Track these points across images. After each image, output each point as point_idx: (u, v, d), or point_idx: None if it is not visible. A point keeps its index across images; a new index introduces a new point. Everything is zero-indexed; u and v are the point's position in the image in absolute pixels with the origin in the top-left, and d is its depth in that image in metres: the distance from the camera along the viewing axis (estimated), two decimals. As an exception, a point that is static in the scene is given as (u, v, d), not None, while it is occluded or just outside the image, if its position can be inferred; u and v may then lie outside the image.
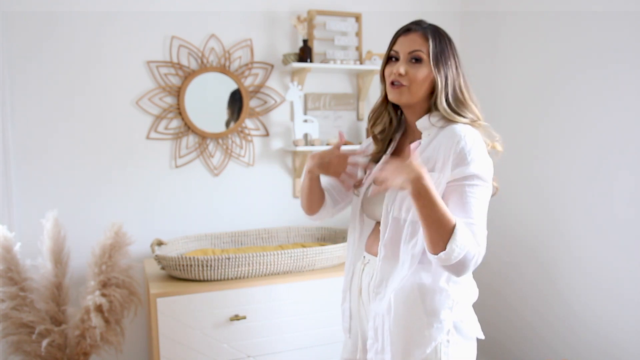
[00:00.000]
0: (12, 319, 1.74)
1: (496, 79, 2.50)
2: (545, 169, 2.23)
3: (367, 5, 2.55)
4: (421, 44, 1.20)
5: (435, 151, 1.17)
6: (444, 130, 1.18)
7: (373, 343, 1.25)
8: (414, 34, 1.22)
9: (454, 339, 1.20)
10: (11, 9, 2.03)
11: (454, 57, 1.23)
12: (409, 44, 1.21)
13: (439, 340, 1.18)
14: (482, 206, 1.13)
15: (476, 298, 1.28)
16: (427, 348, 1.17)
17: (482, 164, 1.14)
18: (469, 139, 1.14)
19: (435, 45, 1.20)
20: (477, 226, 1.11)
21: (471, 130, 1.17)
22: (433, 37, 1.21)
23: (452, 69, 1.21)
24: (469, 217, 1.11)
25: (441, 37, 1.22)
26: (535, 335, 2.32)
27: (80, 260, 2.04)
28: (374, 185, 1.26)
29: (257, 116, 2.42)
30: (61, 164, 2.14)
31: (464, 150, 1.12)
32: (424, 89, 1.21)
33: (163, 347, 1.78)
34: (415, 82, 1.20)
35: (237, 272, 1.89)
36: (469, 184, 1.12)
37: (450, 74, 1.21)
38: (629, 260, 1.89)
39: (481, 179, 1.13)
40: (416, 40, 1.21)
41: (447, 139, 1.15)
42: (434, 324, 1.17)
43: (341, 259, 2.08)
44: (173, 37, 2.26)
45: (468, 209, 1.11)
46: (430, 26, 1.24)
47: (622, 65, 1.88)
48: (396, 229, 1.20)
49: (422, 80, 1.20)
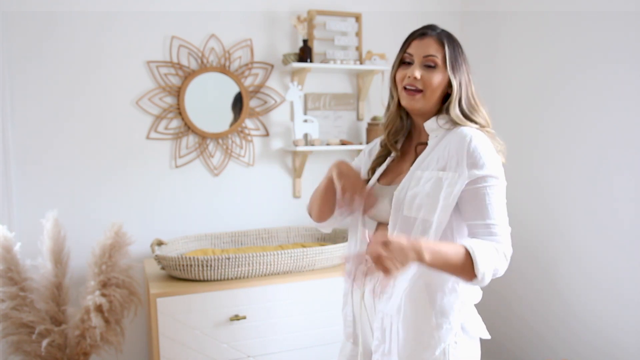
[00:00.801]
0: (12, 319, 1.74)
1: (496, 79, 2.50)
2: (545, 169, 2.23)
3: (367, 5, 2.55)
4: (436, 50, 1.20)
5: (445, 151, 1.17)
6: (452, 132, 1.19)
7: (379, 344, 1.23)
8: (430, 39, 1.21)
9: (460, 339, 1.19)
10: (11, 9, 2.03)
11: (465, 64, 1.24)
12: (424, 48, 1.21)
13: (448, 342, 1.17)
14: (500, 205, 1.15)
15: (480, 298, 1.28)
16: (437, 350, 1.16)
17: (494, 163, 1.15)
18: (478, 140, 1.15)
19: (451, 51, 1.21)
20: (499, 226, 1.12)
21: (478, 131, 1.18)
22: (448, 42, 1.21)
23: (465, 75, 1.22)
24: (488, 219, 1.12)
25: (454, 44, 1.23)
26: (535, 335, 2.32)
27: (80, 260, 2.04)
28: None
29: (257, 116, 2.42)
30: (61, 164, 2.14)
31: (476, 151, 1.13)
32: (438, 94, 1.22)
33: (163, 347, 1.78)
34: (430, 87, 1.20)
35: (237, 272, 1.89)
36: (485, 186, 1.13)
37: (464, 80, 1.22)
38: (628, 260, 1.89)
39: (495, 178, 1.14)
40: (431, 45, 1.20)
41: (456, 140, 1.16)
42: (443, 325, 1.17)
43: (341, 259, 2.08)
44: (173, 37, 2.26)
45: (488, 211, 1.12)
46: (444, 31, 1.24)
47: (623, 66, 1.88)
48: (406, 227, 1.19)
49: (436, 85, 1.20)
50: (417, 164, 1.23)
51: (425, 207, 1.15)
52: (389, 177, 1.32)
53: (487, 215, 1.12)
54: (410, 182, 1.20)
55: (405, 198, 1.19)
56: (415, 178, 1.20)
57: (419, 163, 1.23)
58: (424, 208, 1.16)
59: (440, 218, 1.14)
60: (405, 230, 1.19)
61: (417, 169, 1.22)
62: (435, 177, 1.16)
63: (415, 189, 1.18)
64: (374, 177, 1.34)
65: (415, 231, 1.18)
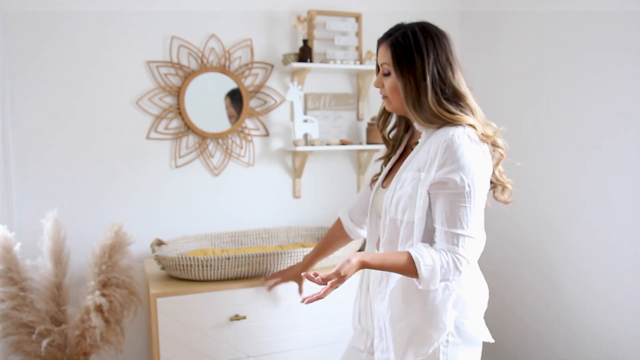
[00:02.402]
0: (12, 319, 1.74)
1: (495, 79, 2.50)
2: (544, 170, 2.23)
3: (367, 5, 2.56)
4: (387, 56, 1.20)
5: (426, 152, 1.17)
6: (438, 132, 1.17)
7: (379, 342, 1.25)
8: (382, 47, 1.23)
9: (453, 339, 1.19)
10: (11, 9, 2.03)
11: (425, 53, 1.16)
12: (380, 57, 1.23)
13: (441, 341, 1.17)
14: (468, 213, 1.10)
15: (486, 301, 1.27)
16: (430, 348, 1.17)
17: (468, 169, 1.10)
18: (458, 142, 1.11)
19: (397, 54, 1.17)
20: (462, 235, 1.10)
21: (463, 132, 1.13)
22: (394, 44, 1.18)
23: (422, 66, 1.15)
24: (453, 227, 1.10)
25: (406, 41, 1.17)
26: (534, 336, 2.32)
27: (80, 260, 2.04)
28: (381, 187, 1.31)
29: (257, 116, 2.42)
30: (61, 164, 2.14)
31: (450, 151, 1.10)
32: (399, 97, 1.21)
33: (163, 347, 1.78)
34: (390, 93, 1.22)
35: (237, 272, 1.89)
36: (453, 192, 1.10)
37: (418, 72, 1.16)
38: (626, 261, 1.89)
39: (466, 185, 1.10)
40: (382, 52, 1.22)
41: (437, 141, 1.14)
42: (437, 324, 1.17)
43: (341, 259, 2.07)
44: (173, 37, 2.26)
45: (453, 218, 1.10)
46: (398, 31, 1.20)
47: (620, 64, 1.88)
48: (393, 229, 1.20)
49: (393, 90, 1.21)
50: (403, 166, 1.23)
51: (410, 209, 1.16)
52: (389, 178, 1.34)
53: (451, 222, 1.10)
54: (397, 184, 1.21)
55: (392, 202, 1.20)
56: (401, 180, 1.21)
57: (405, 165, 1.23)
58: (408, 210, 1.16)
59: (418, 219, 1.14)
60: (394, 232, 1.20)
61: (404, 170, 1.22)
62: (414, 178, 1.17)
63: (400, 191, 1.19)
64: (378, 182, 1.37)
65: (402, 233, 1.18)
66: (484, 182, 1.14)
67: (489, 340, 1.26)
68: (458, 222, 1.10)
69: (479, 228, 1.14)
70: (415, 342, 1.18)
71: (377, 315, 1.25)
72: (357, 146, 2.45)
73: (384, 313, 1.22)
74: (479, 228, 1.13)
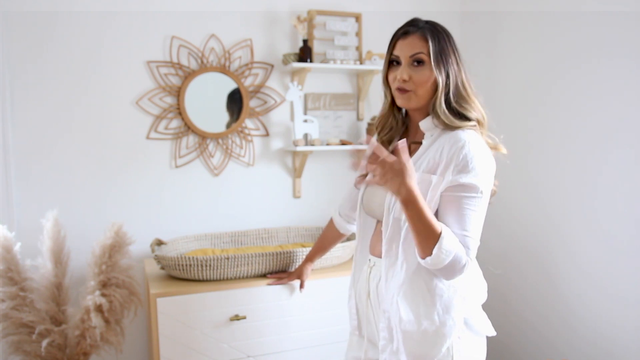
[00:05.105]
0: (12, 319, 1.74)
1: (496, 79, 2.50)
2: (545, 169, 2.23)
3: (367, 5, 2.56)
4: (421, 46, 1.19)
5: (438, 153, 1.16)
6: (448, 134, 1.17)
7: (387, 344, 1.23)
8: (413, 37, 1.20)
9: (464, 335, 1.19)
10: (12, 9, 2.03)
11: (454, 53, 1.21)
12: (409, 47, 1.20)
13: (453, 338, 1.17)
14: (478, 218, 1.13)
15: (485, 298, 1.28)
16: (443, 347, 1.17)
17: (483, 174, 1.12)
18: (473, 146, 1.13)
19: (435, 44, 1.18)
20: (471, 239, 1.12)
21: (475, 136, 1.16)
22: (432, 36, 1.19)
23: (454, 66, 1.20)
24: (464, 230, 1.11)
25: (439, 35, 1.20)
26: (536, 335, 2.32)
27: (80, 260, 2.04)
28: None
29: (257, 116, 2.42)
30: (61, 164, 2.14)
31: (466, 157, 1.11)
32: (430, 90, 1.20)
33: (163, 347, 1.78)
34: (420, 86, 1.19)
35: (237, 272, 1.89)
36: (467, 196, 1.11)
37: (452, 70, 1.19)
38: (628, 260, 1.89)
39: (480, 191, 1.12)
40: (415, 42, 1.19)
41: (450, 143, 1.14)
42: (447, 322, 1.17)
43: (341, 258, 2.08)
44: (173, 37, 2.26)
45: (465, 221, 1.11)
46: (427, 24, 1.22)
47: (620, 64, 1.88)
48: (396, 229, 1.20)
49: (426, 82, 1.19)
50: None
51: None
52: None
53: (464, 225, 1.11)
54: None
55: (396, 201, 1.19)
56: None
57: (411, 164, 1.23)
58: None
59: None
60: (397, 231, 1.20)
61: None
62: (423, 180, 1.16)
63: None
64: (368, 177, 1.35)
65: (404, 233, 1.18)
66: (491, 187, 1.17)
67: (492, 333, 1.27)
68: (468, 225, 1.12)
69: (480, 231, 1.15)
70: (428, 342, 1.17)
71: (387, 316, 1.23)
72: (357, 146, 2.45)
73: (393, 314, 1.21)
74: (480, 231, 1.15)
